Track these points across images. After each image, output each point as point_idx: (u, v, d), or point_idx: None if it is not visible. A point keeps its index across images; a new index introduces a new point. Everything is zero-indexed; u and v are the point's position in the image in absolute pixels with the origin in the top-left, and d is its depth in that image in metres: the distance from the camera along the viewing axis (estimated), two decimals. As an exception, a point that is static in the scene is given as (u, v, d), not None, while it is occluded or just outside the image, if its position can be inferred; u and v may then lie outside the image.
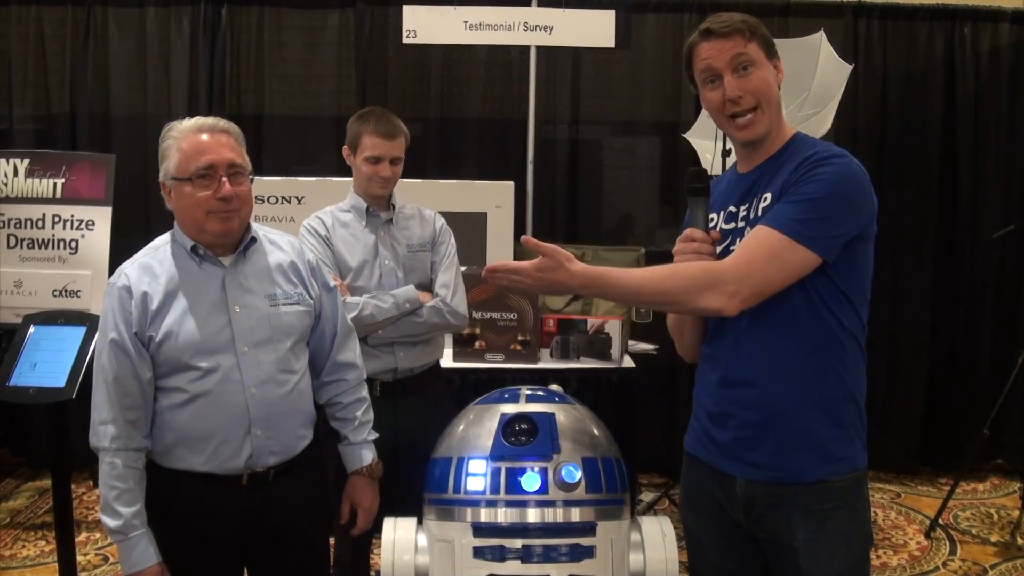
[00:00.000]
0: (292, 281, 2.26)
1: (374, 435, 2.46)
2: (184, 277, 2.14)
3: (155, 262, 2.15)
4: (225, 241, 2.17)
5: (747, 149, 2.03)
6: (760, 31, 1.93)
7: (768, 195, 1.91)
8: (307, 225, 3.03)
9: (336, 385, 2.43)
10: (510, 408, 1.97)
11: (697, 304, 1.83)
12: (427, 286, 3.04)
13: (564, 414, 1.94)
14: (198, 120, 2.14)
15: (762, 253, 1.82)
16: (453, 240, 3.15)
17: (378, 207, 3.05)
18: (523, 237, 1.90)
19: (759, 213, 1.91)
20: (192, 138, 2.10)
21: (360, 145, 2.98)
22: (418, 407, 2.88)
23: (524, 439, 1.88)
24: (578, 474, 1.80)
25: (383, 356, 2.94)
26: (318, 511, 2.36)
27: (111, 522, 2.07)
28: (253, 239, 2.23)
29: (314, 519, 2.34)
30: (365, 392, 2.48)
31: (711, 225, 2.00)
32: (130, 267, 2.15)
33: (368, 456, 2.43)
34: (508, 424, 1.93)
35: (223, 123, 2.16)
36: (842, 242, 1.85)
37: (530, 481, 1.81)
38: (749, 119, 1.94)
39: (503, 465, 1.86)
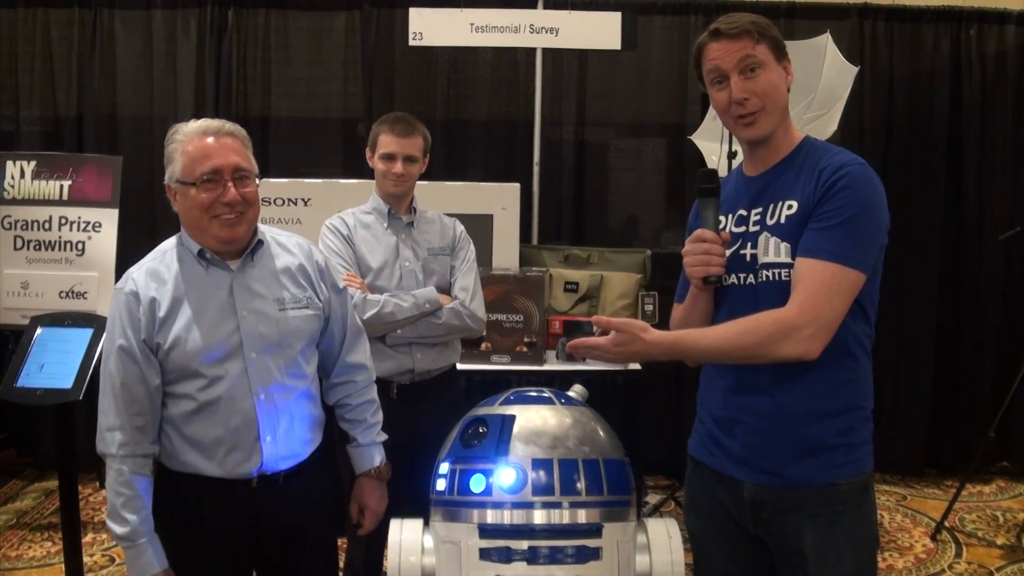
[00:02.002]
0: (301, 284, 2.24)
1: (383, 436, 2.46)
2: (191, 282, 2.12)
3: (162, 267, 2.13)
4: (231, 248, 2.15)
5: (754, 150, 2.03)
6: (770, 33, 1.93)
7: (793, 203, 1.90)
8: (329, 224, 3.06)
9: (345, 387, 2.42)
10: (490, 411, 1.97)
11: (778, 355, 1.85)
12: (446, 290, 3.07)
13: (554, 416, 1.92)
14: (203, 123, 2.12)
15: (822, 289, 1.83)
16: (472, 247, 3.19)
17: (399, 210, 3.07)
18: (594, 318, 1.98)
19: (782, 220, 1.90)
20: (197, 141, 2.07)
21: (377, 144, 3.03)
22: (434, 410, 2.88)
23: (475, 442, 1.89)
24: (512, 475, 1.79)
25: (400, 356, 2.96)
26: (328, 513, 2.36)
27: (118, 529, 2.06)
28: (260, 242, 2.20)
29: (324, 521, 2.34)
30: (374, 394, 2.47)
31: (721, 227, 2.01)
32: (137, 272, 2.13)
33: (377, 458, 2.43)
34: (467, 427, 1.94)
35: (229, 125, 2.13)
36: (877, 254, 1.89)
37: (476, 483, 1.82)
38: (753, 118, 1.95)
39: (458, 467, 1.87)
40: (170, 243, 2.20)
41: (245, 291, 2.15)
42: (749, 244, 1.96)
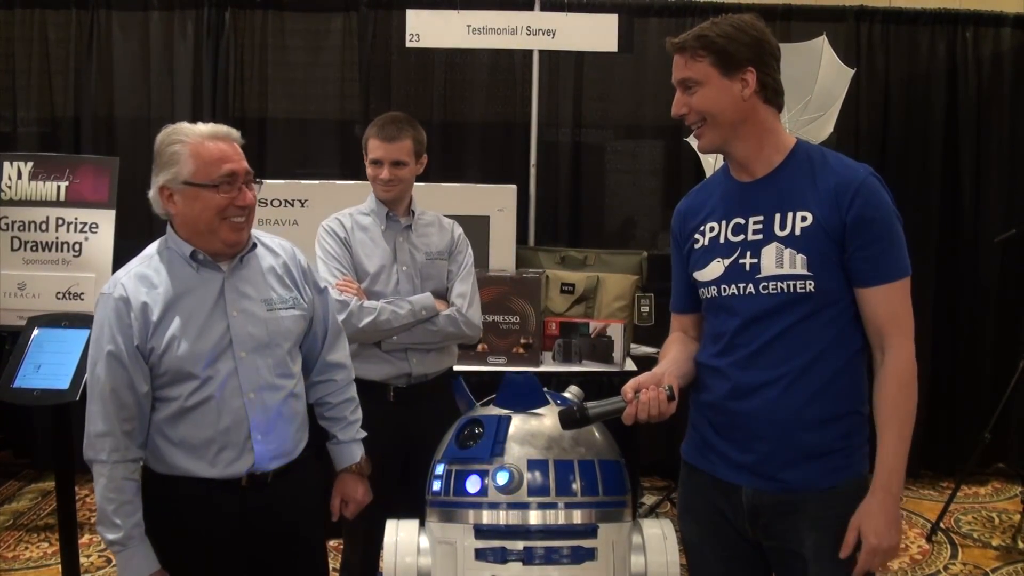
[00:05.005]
0: (287, 285, 2.27)
1: (362, 434, 2.48)
2: (182, 285, 2.13)
3: (151, 271, 2.13)
4: (233, 251, 2.17)
5: (727, 160, 2.04)
6: (717, 45, 1.91)
7: (807, 215, 1.90)
8: (326, 226, 3.03)
9: (325, 385, 2.44)
10: (486, 412, 1.97)
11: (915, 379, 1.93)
12: (443, 294, 3.04)
13: (550, 417, 1.93)
14: (210, 126, 2.13)
15: (903, 309, 1.92)
16: (471, 251, 3.15)
17: (397, 212, 3.05)
18: None
19: (796, 232, 1.91)
20: (210, 145, 2.09)
21: (367, 148, 3.00)
22: (432, 412, 2.87)
23: (471, 443, 1.90)
24: (506, 476, 1.80)
25: (396, 362, 2.95)
26: (317, 512, 2.37)
27: (110, 535, 2.07)
28: (254, 245, 2.23)
29: (313, 520, 2.35)
30: (354, 392, 2.50)
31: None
32: (126, 277, 2.12)
33: (358, 453, 2.45)
34: (463, 428, 1.95)
35: (234, 132, 2.17)
36: None
37: (472, 484, 1.83)
38: (699, 131, 1.99)
39: (454, 468, 1.87)
40: (154, 248, 2.20)
41: (234, 292, 2.17)
42: (749, 253, 1.95)
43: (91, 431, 2.09)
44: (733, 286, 1.97)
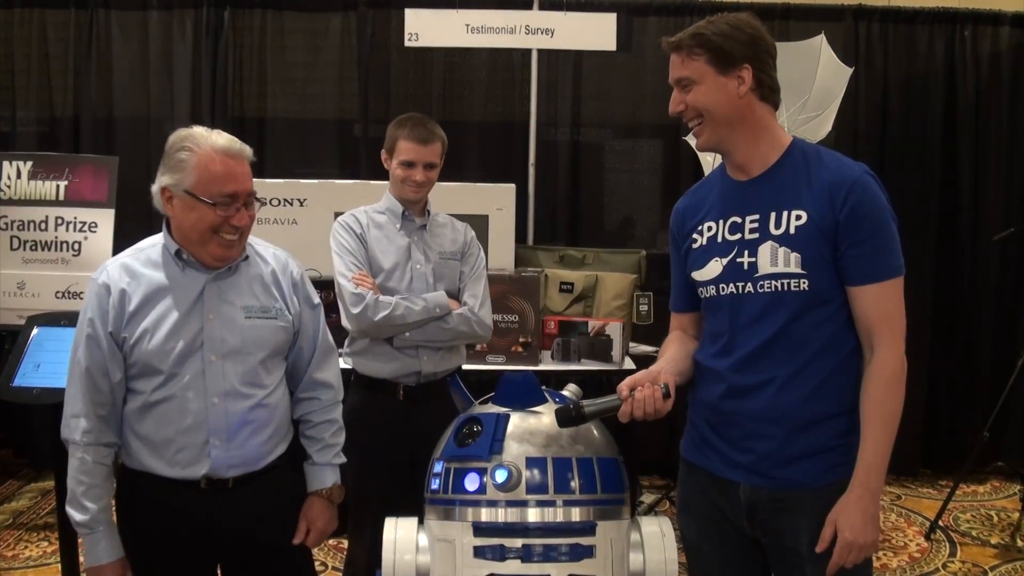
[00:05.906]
0: (272, 295, 2.25)
1: (341, 459, 2.43)
2: (165, 281, 2.14)
3: (137, 263, 2.15)
4: (221, 264, 2.17)
5: (724, 158, 2.05)
6: (713, 43, 1.91)
7: (801, 213, 1.90)
8: (342, 221, 3.05)
9: (309, 403, 2.40)
10: (484, 410, 1.98)
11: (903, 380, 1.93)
12: (454, 295, 3.06)
13: (548, 415, 1.93)
14: (223, 140, 2.11)
15: (894, 309, 1.91)
16: (483, 254, 3.18)
17: (413, 212, 3.07)
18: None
19: (791, 231, 1.91)
20: (219, 160, 2.08)
21: (396, 149, 3.01)
22: (439, 411, 2.87)
23: (469, 441, 1.90)
24: (504, 474, 1.80)
25: (406, 359, 2.96)
26: (288, 521, 2.31)
27: (78, 516, 2.10)
28: (246, 257, 2.23)
29: (282, 529, 2.30)
30: (338, 415, 2.45)
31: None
32: (112, 265, 2.16)
33: (330, 479, 2.38)
34: (461, 426, 1.95)
35: (248, 150, 2.15)
36: None
37: (471, 481, 1.83)
38: (697, 129, 1.99)
39: (452, 466, 1.88)
40: (149, 241, 2.22)
41: (215, 295, 2.17)
42: (747, 252, 1.96)
43: (67, 411, 2.13)
44: (731, 285, 1.97)
